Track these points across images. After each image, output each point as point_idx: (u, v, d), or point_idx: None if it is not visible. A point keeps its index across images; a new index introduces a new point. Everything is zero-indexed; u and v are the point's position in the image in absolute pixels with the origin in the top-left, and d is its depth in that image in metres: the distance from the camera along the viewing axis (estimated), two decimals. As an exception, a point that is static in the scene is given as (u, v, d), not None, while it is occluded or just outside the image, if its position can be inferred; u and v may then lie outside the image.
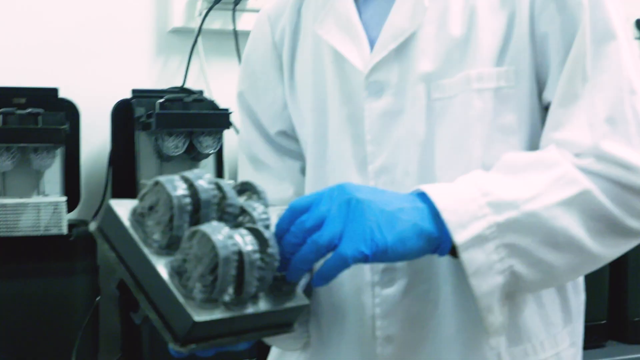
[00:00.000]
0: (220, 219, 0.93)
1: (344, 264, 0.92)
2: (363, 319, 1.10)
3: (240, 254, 0.89)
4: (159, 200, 0.90)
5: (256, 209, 0.96)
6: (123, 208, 0.92)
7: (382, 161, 1.09)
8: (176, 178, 0.91)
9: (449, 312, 1.07)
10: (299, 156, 1.22)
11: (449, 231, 0.96)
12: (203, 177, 0.93)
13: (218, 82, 2.26)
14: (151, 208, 0.90)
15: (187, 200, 0.90)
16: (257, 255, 0.90)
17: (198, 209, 0.91)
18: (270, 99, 1.22)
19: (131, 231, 0.90)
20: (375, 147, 1.09)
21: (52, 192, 1.88)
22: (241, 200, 0.98)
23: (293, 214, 0.96)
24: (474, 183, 0.99)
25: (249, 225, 0.93)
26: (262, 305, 0.94)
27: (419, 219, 0.95)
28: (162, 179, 0.90)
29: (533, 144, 1.07)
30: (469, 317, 1.05)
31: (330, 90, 1.13)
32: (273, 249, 0.92)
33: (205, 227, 0.88)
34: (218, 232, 0.88)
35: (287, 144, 1.23)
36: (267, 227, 0.95)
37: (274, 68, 1.21)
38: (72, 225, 1.84)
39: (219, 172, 2.03)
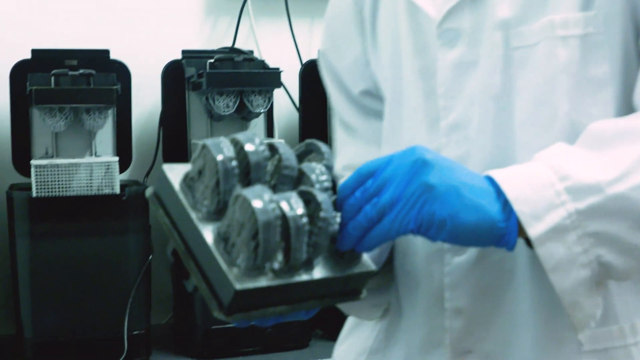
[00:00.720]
0: (278, 182, 0.89)
1: (387, 236, 0.88)
2: (431, 289, 1.03)
3: (284, 218, 0.84)
4: (206, 164, 0.87)
5: (314, 170, 0.90)
6: (176, 173, 0.89)
7: (455, 117, 1.01)
8: (223, 140, 0.87)
9: (525, 284, 0.98)
10: None
11: (520, 222, 0.88)
12: (254, 138, 0.88)
13: (268, 42, 2.25)
14: (200, 172, 0.87)
15: (233, 163, 0.86)
16: (304, 220, 0.84)
17: (249, 172, 0.88)
18: (352, 56, 1.16)
19: (181, 196, 0.87)
20: (447, 101, 1.01)
21: (104, 152, 1.89)
22: (306, 162, 0.93)
23: (359, 178, 0.90)
24: (550, 165, 0.90)
25: (304, 188, 0.88)
26: (319, 272, 0.89)
27: (485, 201, 0.88)
28: (209, 142, 0.87)
29: (628, 98, 0.97)
30: (547, 291, 0.95)
31: (404, 43, 1.07)
32: (326, 212, 0.86)
33: (246, 191, 0.84)
34: (259, 197, 0.83)
35: (372, 104, 1.16)
36: (326, 189, 0.90)
37: (355, 25, 1.15)
38: (124, 186, 1.85)
39: (269, 131, 2.03)
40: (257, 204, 0.82)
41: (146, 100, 2.10)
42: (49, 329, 1.80)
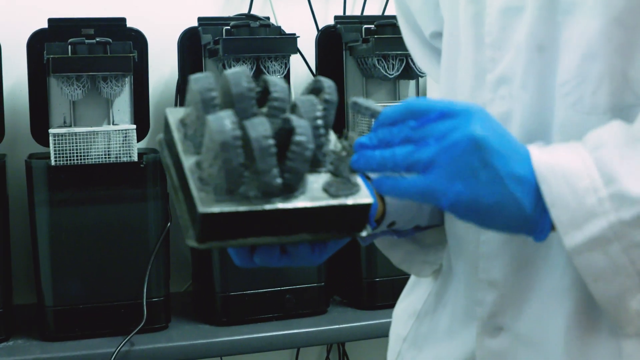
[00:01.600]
0: (269, 114, 0.87)
1: (404, 195, 0.84)
2: (468, 258, 0.98)
3: (245, 140, 0.82)
4: (191, 98, 0.88)
5: (304, 102, 0.87)
6: (176, 114, 0.91)
7: (502, 69, 0.93)
8: (207, 74, 0.87)
9: (563, 261, 0.90)
10: None
11: (556, 228, 0.81)
12: (239, 72, 0.86)
13: (284, 8, 2.24)
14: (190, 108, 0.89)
15: (213, 94, 0.85)
16: (269, 142, 0.81)
17: (233, 105, 0.86)
18: None
19: (174, 132, 0.88)
20: (494, 52, 0.94)
21: (121, 121, 1.89)
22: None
23: (406, 112, 0.84)
24: (597, 159, 0.80)
25: (285, 115, 0.86)
26: (304, 202, 0.85)
27: (522, 194, 0.80)
28: (193, 76, 0.87)
29: None
30: None
31: None
32: (301, 136, 0.83)
33: (210, 115, 0.83)
34: (219, 119, 0.82)
35: None
36: (314, 119, 0.86)
37: None
38: (142, 154, 1.86)
39: (286, 98, 2.03)
40: (215, 124, 0.81)
41: (163, 68, 2.10)
42: (69, 297, 1.81)
